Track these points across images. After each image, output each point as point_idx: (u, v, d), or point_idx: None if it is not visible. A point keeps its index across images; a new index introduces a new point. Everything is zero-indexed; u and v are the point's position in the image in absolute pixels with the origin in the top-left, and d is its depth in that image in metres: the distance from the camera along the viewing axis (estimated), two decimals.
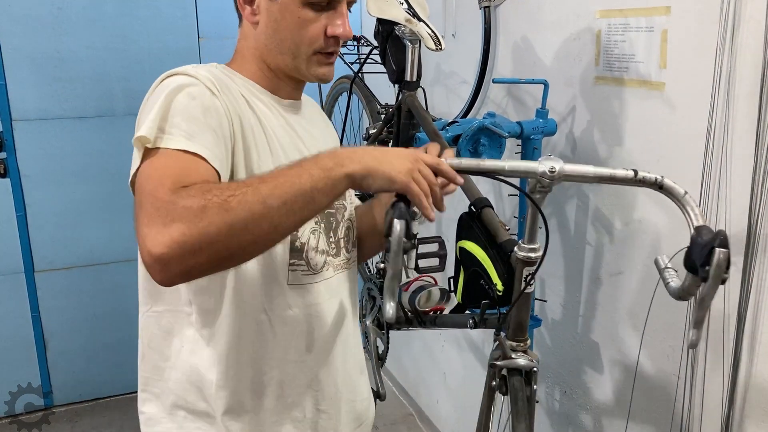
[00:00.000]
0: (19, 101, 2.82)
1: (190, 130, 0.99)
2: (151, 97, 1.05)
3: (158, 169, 0.95)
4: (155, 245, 0.86)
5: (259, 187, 0.89)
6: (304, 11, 1.09)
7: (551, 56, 1.83)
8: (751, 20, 1.25)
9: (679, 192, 0.99)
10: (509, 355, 1.28)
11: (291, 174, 0.92)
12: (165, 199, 0.88)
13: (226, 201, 0.87)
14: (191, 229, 0.86)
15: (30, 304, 3.02)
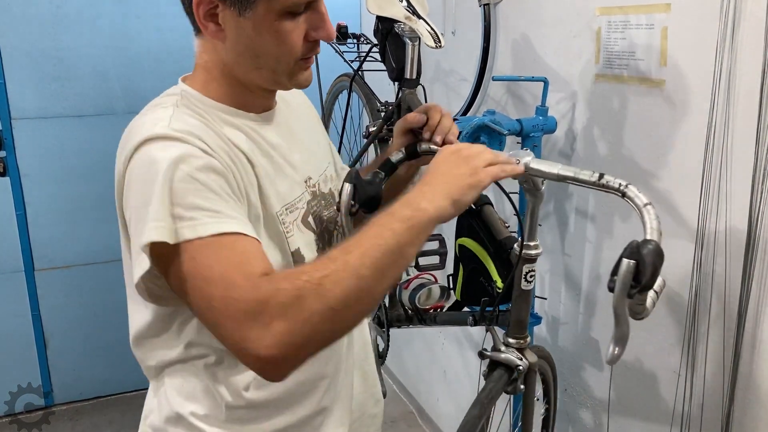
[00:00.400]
0: (18, 100, 2.82)
1: (213, 207, 0.88)
2: (135, 180, 0.91)
3: (211, 267, 0.86)
4: (262, 349, 0.82)
5: (347, 260, 0.85)
6: (282, 23, 0.95)
7: (551, 54, 1.82)
8: (752, 17, 1.25)
9: (639, 202, 0.95)
10: (498, 348, 1.29)
11: (373, 236, 0.88)
12: (251, 299, 0.83)
13: (320, 284, 0.83)
14: (295, 324, 0.82)
15: (30, 303, 3.02)
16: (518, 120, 1.70)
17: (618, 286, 0.87)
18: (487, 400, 1.26)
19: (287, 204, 1.07)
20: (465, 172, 0.97)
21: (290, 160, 1.10)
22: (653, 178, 1.52)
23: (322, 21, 0.99)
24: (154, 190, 0.87)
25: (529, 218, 1.18)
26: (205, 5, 0.94)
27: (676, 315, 1.50)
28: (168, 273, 0.89)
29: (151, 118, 0.96)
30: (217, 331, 0.88)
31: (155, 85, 3.27)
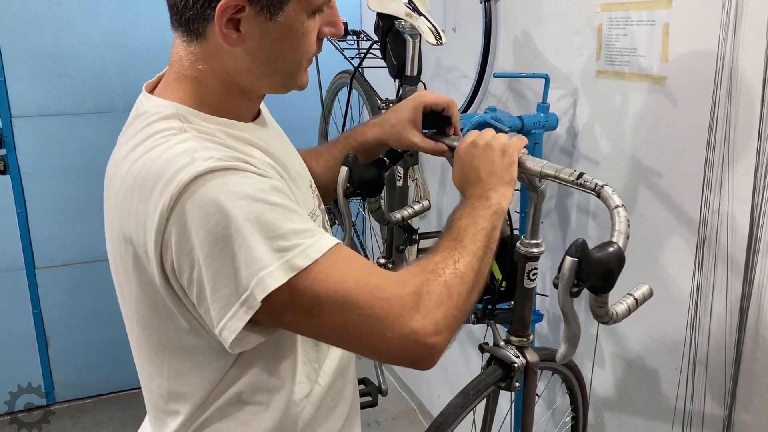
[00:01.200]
0: (18, 97, 2.81)
1: (304, 227, 0.84)
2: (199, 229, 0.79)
3: (345, 281, 0.82)
4: (428, 337, 0.84)
5: (465, 246, 0.93)
6: (308, 23, 0.90)
7: (552, 50, 1.82)
8: (754, 13, 1.25)
9: (612, 203, 0.94)
10: (497, 343, 1.29)
11: (471, 224, 0.96)
12: (404, 294, 0.84)
13: (456, 268, 0.89)
14: (449, 309, 0.86)
15: (31, 301, 3.02)
16: (519, 117, 1.70)
17: (561, 283, 0.88)
18: (474, 391, 1.26)
19: (310, 212, 1.02)
20: (497, 156, 1.04)
21: (295, 165, 1.05)
22: (655, 174, 1.52)
23: (335, 16, 0.96)
24: (238, 234, 0.78)
25: (531, 216, 1.18)
26: (231, 10, 0.85)
27: (677, 312, 1.49)
28: (285, 312, 0.83)
29: (177, 153, 0.82)
30: (369, 339, 0.84)
31: None
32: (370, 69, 2.32)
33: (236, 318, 0.80)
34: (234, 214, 0.78)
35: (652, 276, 1.54)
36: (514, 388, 1.31)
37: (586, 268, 0.86)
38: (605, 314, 0.94)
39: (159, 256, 0.82)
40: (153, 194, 0.81)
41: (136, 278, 0.88)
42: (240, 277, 0.79)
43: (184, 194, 0.79)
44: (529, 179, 1.12)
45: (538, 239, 1.19)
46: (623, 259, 0.88)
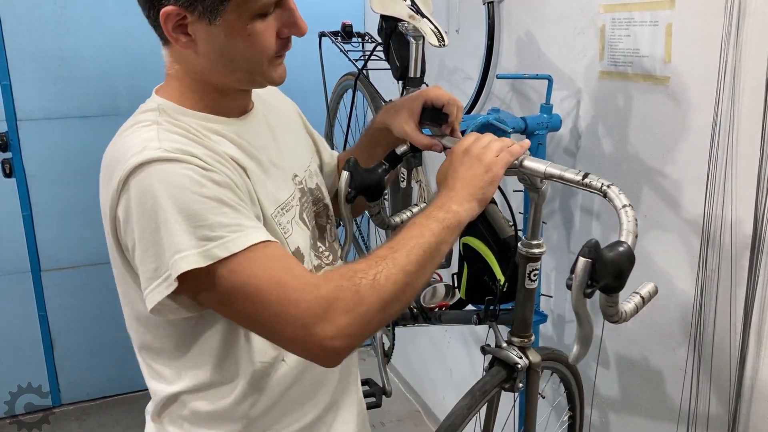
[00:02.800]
0: (23, 101, 2.83)
1: (234, 222, 0.90)
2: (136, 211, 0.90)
3: (257, 276, 0.89)
4: (326, 341, 0.89)
5: (396, 258, 0.93)
6: (253, 26, 0.94)
7: (555, 51, 1.82)
8: (757, 13, 1.24)
9: (618, 203, 0.95)
10: (500, 344, 1.29)
11: (415, 236, 0.96)
12: (312, 298, 0.89)
13: (375, 280, 0.91)
14: (355, 317, 0.89)
15: (37, 304, 3.04)
16: (523, 118, 1.70)
17: (574, 284, 0.87)
18: (480, 393, 1.27)
19: (281, 204, 1.08)
20: (480, 170, 1.03)
21: (275, 159, 1.10)
22: (658, 175, 1.52)
23: (292, 17, 0.98)
24: (165, 220, 0.87)
25: (533, 216, 1.18)
26: (173, 18, 0.93)
27: (682, 312, 1.49)
28: (201, 294, 0.92)
29: (136, 141, 0.93)
30: (275, 333, 0.93)
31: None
32: (374, 71, 2.33)
33: (156, 291, 0.90)
34: (165, 202, 0.88)
35: (656, 276, 1.53)
36: (517, 389, 1.31)
37: (600, 268, 0.86)
38: (615, 313, 0.94)
39: (114, 231, 0.95)
40: (113, 176, 0.92)
41: (111, 250, 1.00)
42: (164, 257, 0.88)
43: (131, 178, 0.90)
44: (531, 180, 1.12)
45: (539, 240, 1.19)
46: (633, 258, 0.89)
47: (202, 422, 1.08)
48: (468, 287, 1.43)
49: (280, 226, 1.06)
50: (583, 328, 0.94)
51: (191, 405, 1.07)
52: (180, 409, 1.08)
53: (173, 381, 1.06)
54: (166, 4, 0.92)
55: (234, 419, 1.07)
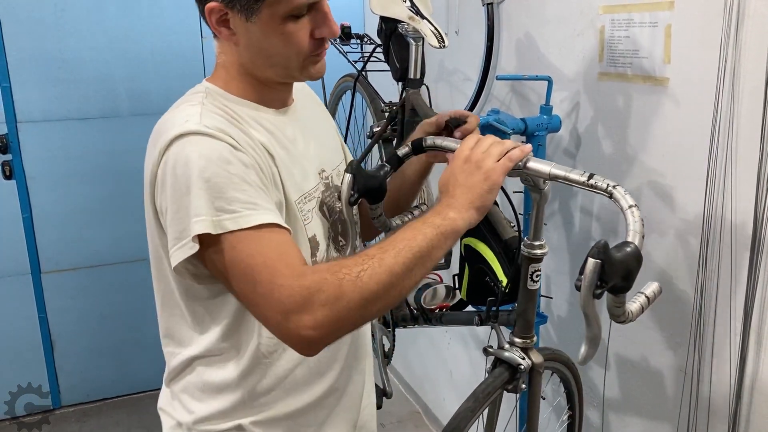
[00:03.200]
0: (23, 103, 2.83)
1: (250, 200, 0.97)
2: (170, 175, 0.97)
3: (254, 255, 0.95)
4: (303, 329, 0.92)
5: (383, 258, 0.95)
6: (286, 26, 1.01)
7: (555, 52, 1.82)
8: (756, 14, 1.25)
9: (625, 204, 0.95)
10: (502, 345, 1.29)
11: (407, 238, 0.98)
12: (296, 286, 0.93)
13: (359, 277, 0.93)
14: (333, 311, 0.92)
15: (37, 306, 3.03)
16: (522, 119, 1.70)
17: (583, 285, 0.87)
18: (483, 395, 1.27)
19: (305, 193, 1.14)
20: (480, 178, 1.04)
21: (306, 152, 1.17)
22: (658, 175, 1.52)
23: (325, 19, 1.05)
24: (193, 186, 0.95)
25: (534, 217, 1.18)
26: (216, 13, 1.02)
27: (682, 312, 1.49)
28: (210, 260, 0.98)
29: (182, 115, 1.02)
30: (259, 312, 0.98)
31: (159, 87, 3.30)
32: (373, 72, 2.33)
33: (181, 251, 0.97)
34: (195, 170, 0.95)
35: (657, 277, 1.54)
36: (520, 390, 1.31)
37: (609, 269, 0.87)
38: (623, 314, 0.94)
39: (152, 195, 1.02)
40: (156, 144, 1.00)
41: (148, 216, 1.06)
42: (188, 219, 0.95)
43: (171, 146, 0.98)
44: (534, 181, 1.12)
45: (541, 241, 1.19)
46: (641, 258, 0.89)
47: (211, 392, 1.13)
48: (469, 288, 1.43)
49: (301, 213, 1.11)
50: (591, 329, 0.94)
51: (202, 373, 1.13)
52: (192, 376, 1.14)
53: (187, 344, 1.13)
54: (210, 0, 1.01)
55: (240, 391, 1.12)
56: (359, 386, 1.29)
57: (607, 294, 0.92)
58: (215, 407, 1.13)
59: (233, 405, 1.13)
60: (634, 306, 0.96)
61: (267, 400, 1.14)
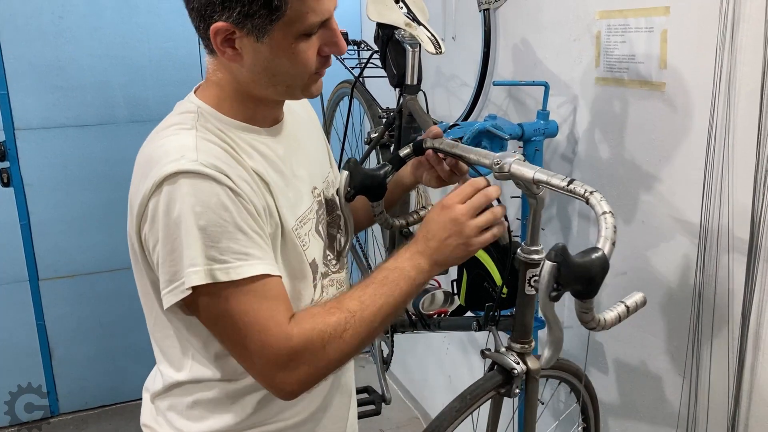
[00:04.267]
0: (21, 110, 2.83)
1: (243, 250, 0.96)
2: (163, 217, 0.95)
3: (246, 312, 0.96)
4: (286, 385, 0.99)
5: (364, 317, 1.00)
6: (298, 45, 0.99)
7: (551, 58, 1.83)
8: (751, 19, 1.25)
9: (599, 210, 0.95)
10: (499, 349, 1.29)
11: (385, 294, 1.03)
12: (283, 347, 0.97)
13: (341, 337, 0.99)
14: (317, 369, 1.00)
15: (35, 313, 3.03)
16: (519, 124, 1.71)
17: (540, 287, 0.88)
18: (472, 396, 1.27)
19: (300, 217, 1.12)
20: (458, 243, 1.07)
21: (298, 172, 1.15)
22: (655, 180, 1.52)
23: (334, 37, 1.03)
24: (187, 232, 0.94)
25: (531, 222, 1.18)
26: (223, 33, 0.97)
27: (680, 317, 1.50)
28: (200, 308, 0.99)
29: (177, 146, 0.99)
30: (246, 365, 1.01)
31: (157, 94, 3.29)
32: (370, 78, 2.33)
33: (172, 294, 0.97)
34: (189, 215, 0.93)
35: (654, 282, 1.54)
36: (514, 394, 1.31)
37: (565, 272, 0.86)
38: (591, 320, 0.94)
39: (138, 224, 1.00)
40: (147, 175, 0.97)
41: (132, 243, 1.05)
42: (182, 265, 0.95)
43: (164, 183, 0.95)
44: (528, 186, 1.13)
45: (538, 246, 1.19)
46: (607, 265, 0.88)
47: (200, 411, 1.12)
48: (468, 294, 1.43)
49: (299, 239, 1.10)
50: (553, 332, 0.95)
51: (191, 392, 1.12)
52: (181, 395, 1.13)
53: (178, 368, 1.12)
54: (217, 19, 0.96)
55: (231, 413, 1.12)
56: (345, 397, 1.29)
57: (574, 299, 0.92)
58: (204, 427, 1.12)
59: (223, 426, 1.12)
60: (610, 315, 0.96)
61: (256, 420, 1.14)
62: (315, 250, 1.15)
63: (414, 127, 1.83)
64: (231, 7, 0.94)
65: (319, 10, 0.98)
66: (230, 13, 0.94)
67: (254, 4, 0.93)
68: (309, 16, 0.97)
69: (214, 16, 0.96)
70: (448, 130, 1.68)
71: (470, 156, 1.16)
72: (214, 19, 0.96)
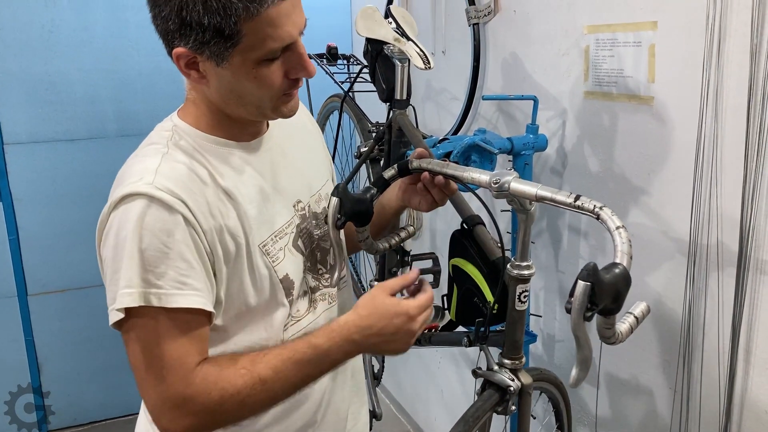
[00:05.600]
0: (10, 124, 2.82)
1: (180, 279, 0.97)
2: (113, 234, 0.97)
3: (159, 344, 0.97)
4: (171, 426, 0.99)
5: (273, 387, 1.01)
6: (259, 70, 0.99)
7: (541, 72, 1.83)
8: (737, 33, 1.26)
9: (612, 225, 0.95)
10: (491, 367, 1.29)
11: (304, 373, 1.03)
12: (178, 391, 0.97)
13: (243, 401, 0.99)
14: (207, 424, 1.00)
15: (23, 328, 3.00)
16: (509, 138, 1.71)
17: (574, 307, 0.87)
18: (473, 418, 1.26)
19: (275, 231, 1.11)
20: (400, 347, 1.08)
21: (278, 186, 1.14)
22: (644, 194, 1.53)
23: (300, 61, 1.02)
24: (127, 252, 0.95)
25: (522, 238, 1.18)
26: (184, 57, 0.99)
27: (671, 331, 1.49)
28: (127, 328, 0.99)
29: (140, 167, 1.00)
30: (142, 392, 1.01)
31: (147, 108, 3.27)
32: (360, 93, 2.34)
33: (112, 314, 0.98)
34: (133, 237, 0.95)
35: (644, 295, 1.54)
36: (510, 411, 1.30)
37: (599, 291, 0.86)
38: (612, 335, 0.94)
39: (98, 242, 1.02)
40: (113, 194, 1.00)
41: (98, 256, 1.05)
42: (119, 285, 0.96)
43: (120, 203, 0.97)
44: (520, 202, 1.12)
45: (528, 261, 1.19)
46: (630, 279, 0.89)
47: None
48: (458, 309, 1.42)
49: (268, 255, 1.09)
50: (582, 351, 0.94)
51: None
52: None
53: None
54: (178, 44, 0.98)
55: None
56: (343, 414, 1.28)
57: (597, 316, 0.92)
58: None
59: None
60: (624, 327, 0.96)
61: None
62: (289, 265, 1.12)
63: (404, 142, 1.84)
64: (187, 35, 0.96)
65: (278, 37, 0.97)
66: (187, 39, 0.96)
67: (207, 32, 0.94)
68: (267, 43, 0.97)
69: (174, 41, 0.98)
70: (438, 144, 1.68)
71: (464, 175, 1.15)
72: (175, 44, 0.98)
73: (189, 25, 0.94)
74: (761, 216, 1.26)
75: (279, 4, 0.95)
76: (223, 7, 0.92)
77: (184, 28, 0.95)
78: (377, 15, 1.68)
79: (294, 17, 0.98)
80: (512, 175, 1.09)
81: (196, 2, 0.93)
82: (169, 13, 0.95)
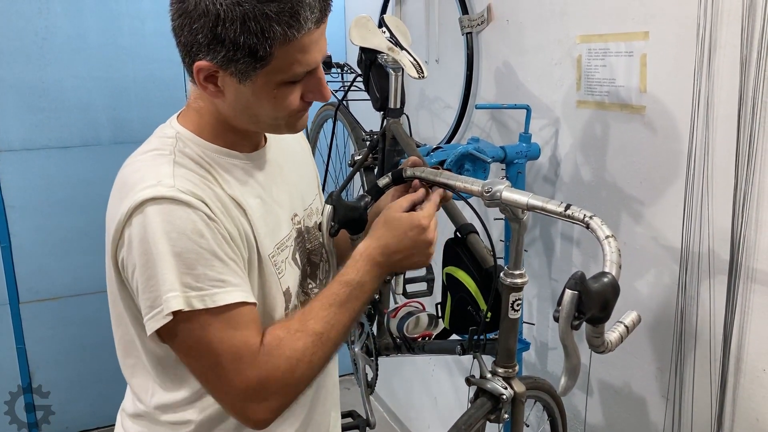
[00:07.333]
0: (3, 131, 2.81)
1: (219, 277, 0.96)
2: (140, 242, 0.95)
3: (221, 340, 0.96)
4: (259, 414, 0.99)
5: (330, 337, 1.02)
6: (280, 90, 1.00)
7: (533, 81, 1.85)
8: (727, 45, 1.27)
9: (601, 234, 0.97)
10: (484, 375, 1.29)
11: (349, 310, 1.05)
12: (254, 376, 0.97)
13: (310, 361, 1.00)
14: (289, 396, 1.01)
15: (15, 336, 2.98)
16: (502, 147, 1.72)
17: (561, 316, 0.88)
18: (465, 426, 1.26)
19: (278, 243, 1.12)
20: (421, 259, 1.11)
21: (278, 198, 1.15)
22: (636, 202, 1.54)
23: (319, 85, 1.04)
24: (163, 258, 0.93)
25: (515, 246, 1.19)
26: (206, 71, 0.97)
27: (662, 339, 1.50)
28: (174, 336, 0.97)
29: (153, 171, 0.99)
30: (217, 395, 1.01)
31: (141, 115, 3.27)
32: (354, 102, 2.34)
33: (154, 320, 0.95)
34: (164, 241, 0.93)
35: (637, 303, 1.55)
36: (502, 420, 1.30)
37: (586, 300, 0.87)
38: (601, 344, 0.95)
39: (114, 249, 0.99)
40: (123, 200, 0.97)
41: (108, 268, 1.03)
42: (161, 290, 0.94)
43: (141, 207, 0.94)
44: (513, 211, 1.13)
45: (521, 269, 1.20)
46: (618, 288, 0.90)
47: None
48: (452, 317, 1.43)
49: (275, 266, 1.09)
50: (570, 360, 0.94)
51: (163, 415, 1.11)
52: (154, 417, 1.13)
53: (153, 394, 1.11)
54: (203, 58, 0.96)
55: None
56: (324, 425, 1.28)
57: (585, 325, 0.92)
58: None
59: None
60: (614, 335, 0.97)
61: None
62: (290, 278, 1.13)
63: (397, 150, 1.84)
64: (216, 50, 0.94)
65: (305, 62, 0.98)
66: (215, 54, 0.94)
67: (240, 51, 0.93)
68: (294, 67, 0.97)
69: (199, 54, 0.96)
70: (432, 153, 1.69)
71: (457, 184, 1.16)
72: (199, 57, 0.96)
73: (222, 42, 0.93)
74: (752, 224, 1.27)
75: (313, 31, 0.97)
76: (261, 30, 0.92)
77: (215, 43, 0.93)
78: (371, 24, 1.69)
79: (321, 44, 1.01)
80: (504, 184, 1.10)
81: (234, 21, 0.91)
82: (202, 27, 0.93)
